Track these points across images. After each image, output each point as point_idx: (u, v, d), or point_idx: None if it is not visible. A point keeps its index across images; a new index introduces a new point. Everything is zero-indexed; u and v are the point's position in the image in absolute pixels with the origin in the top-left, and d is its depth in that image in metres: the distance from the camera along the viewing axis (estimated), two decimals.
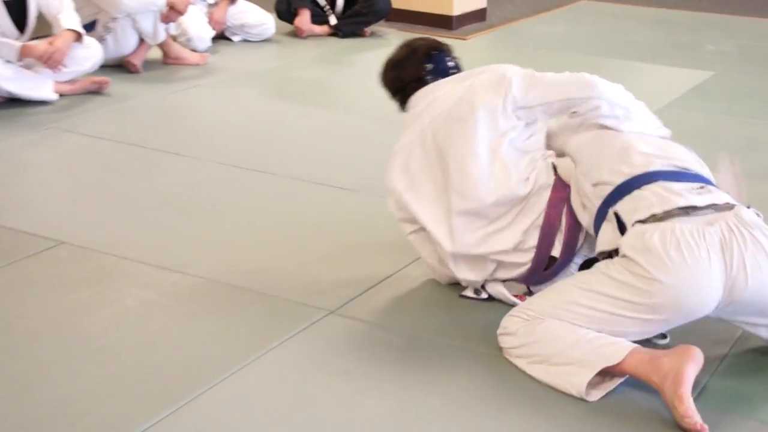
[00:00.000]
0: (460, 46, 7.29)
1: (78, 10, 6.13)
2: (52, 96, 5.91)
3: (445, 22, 8.11)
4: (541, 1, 9.31)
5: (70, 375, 3.22)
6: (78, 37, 5.93)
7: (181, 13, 6.59)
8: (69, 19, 5.91)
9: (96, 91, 6.14)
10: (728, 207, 3.27)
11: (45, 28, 6.04)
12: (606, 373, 3.18)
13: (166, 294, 3.78)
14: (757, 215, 3.25)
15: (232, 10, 7.37)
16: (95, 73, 6.26)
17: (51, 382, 3.20)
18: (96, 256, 4.05)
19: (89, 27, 6.35)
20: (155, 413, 3.01)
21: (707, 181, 3.43)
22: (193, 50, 6.95)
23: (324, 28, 7.69)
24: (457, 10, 8.15)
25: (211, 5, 7.32)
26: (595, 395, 3.14)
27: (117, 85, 6.28)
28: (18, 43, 5.74)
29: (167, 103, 6.10)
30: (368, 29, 7.71)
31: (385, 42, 7.57)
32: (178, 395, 3.11)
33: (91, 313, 3.62)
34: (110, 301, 3.71)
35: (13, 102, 5.84)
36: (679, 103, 6.23)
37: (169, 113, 5.95)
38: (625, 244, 3.18)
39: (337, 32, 7.67)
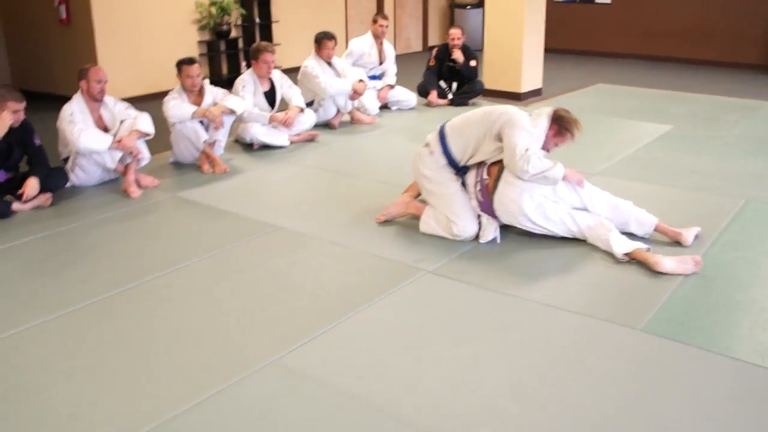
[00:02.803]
0: (524, 110, 7.12)
1: (303, 94, 6.19)
2: (287, 143, 5.92)
3: (516, 96, 7.77)
4: (575, 84, 8.90)
5: (282, 300, 3.27)
6: (301, 110, 5.99)
7: (360, 94, 6.57)
8: (297, 100, 6.00)
9: (311, 140, 6.10)
10: None
11: (284, 105, 6.09)
12: None
13: (335, 257, 3.75)
14: None
15: (392, 92, 7.24)
16: (311, 129, 6.21)
17: (276, 299, 3.26)
18: (297, 236, 4.03)
19: (310, 104, 6.41)
20: (327, 323, 3.04)
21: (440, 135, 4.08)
22: (368, 115, 6.85)
23: (445, 101, 7.41)
24: (523, 89, 7.82)
25: (378, 89, 7.19)
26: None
27: (324, 136, 6.25)
28: (268, 114, 5.82)
29: (351, 146, 6.02)
30: (471, 101, 7.41)
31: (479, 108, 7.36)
32: (340, 313, 3.12)
33: (294, 267, 3.64)
34: (303, 261, 3.71)
35: (265, 148, 5.85)
36: (652, 144, 5.95)
37: (352, 152, 5.85)
38: None
39: (452, 103, 7.39)
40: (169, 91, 5.43)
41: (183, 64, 5.32)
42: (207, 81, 5.47)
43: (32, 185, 4.46)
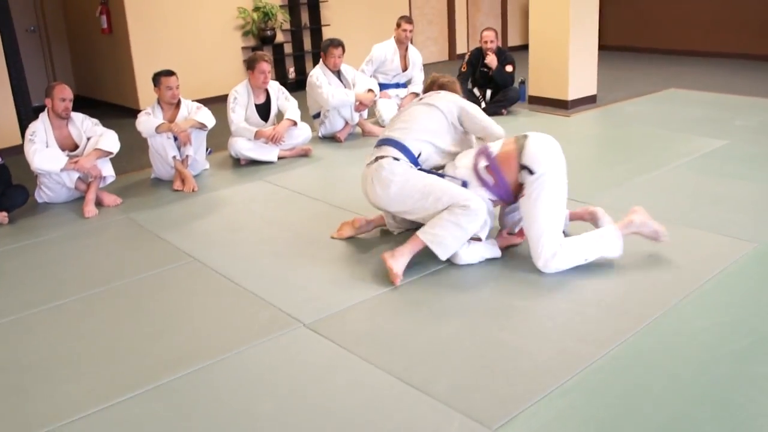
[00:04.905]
0: (563, 120, 6.37)
1: (310, 105, 5.86)
2: (274, 159, 5.51)
3: (562, 104, 6.89)
4: (644, 88, 7.82)
5: (124, 348, 2.85)
6: (294, 123, 5.57)
7: (367, 106, 6.08)
8: (291, 113, 5.58)
9: (304, 155, 5.67)
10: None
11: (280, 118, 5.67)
12: None
13: (220, 298, 3.29)
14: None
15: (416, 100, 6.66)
16: (306, 143, 5.73)
17: (120, 346, 2.84)
18: (204, 270, 3.61)
19: (317, 115, 6.05)
20: (146, 383, 2.61)
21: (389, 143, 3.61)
22: (380, 126, 6.24)
23: None
24: (571, 96, 6.88)
25: (402, 98, 6.67)
26: None
27: (322, 150, 5.82)
28: (253, 129, 5.44)
29: (341, 162, 5.49)
30: (504, 110, 6.71)
31: (514, 117, 6.63)
32: (166, 374, 2.67)
33: (169, 307, 3.23)
34: (184, 301, 3.30)
35: (253, 163, 5.50)
36: (688, 164, 5.02)
37: (337, 170, 5.33)
38: None
39: (485, 112, 6.70)
40: (212, 98, 5.39)
41: (161, 75, 5.10)
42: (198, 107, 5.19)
43: None
